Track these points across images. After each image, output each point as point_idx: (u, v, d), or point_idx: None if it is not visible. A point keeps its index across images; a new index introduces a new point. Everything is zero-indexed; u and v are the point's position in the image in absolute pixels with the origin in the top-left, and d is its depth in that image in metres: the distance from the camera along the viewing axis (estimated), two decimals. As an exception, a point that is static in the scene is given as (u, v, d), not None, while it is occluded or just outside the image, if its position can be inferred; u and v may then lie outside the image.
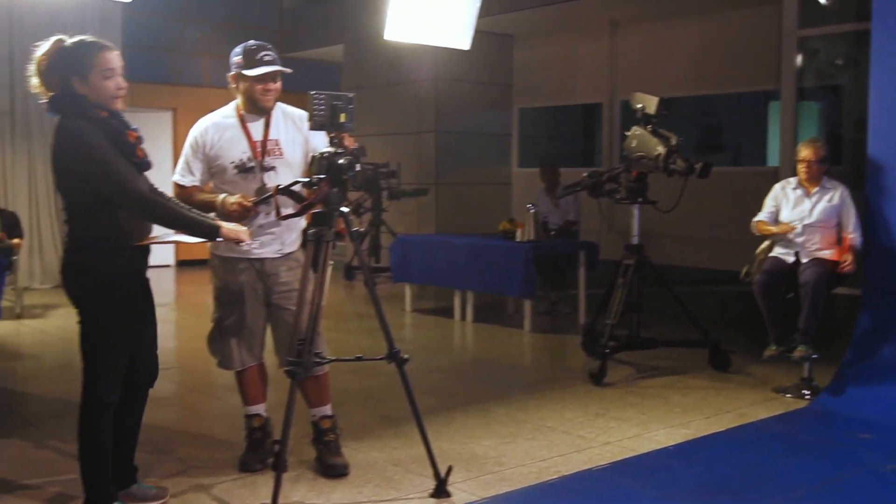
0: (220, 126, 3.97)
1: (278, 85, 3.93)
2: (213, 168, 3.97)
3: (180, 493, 3.82)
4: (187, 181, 4.00)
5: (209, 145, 3.95)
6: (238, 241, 3.47)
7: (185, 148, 4.02)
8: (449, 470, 3.84)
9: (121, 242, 3.39)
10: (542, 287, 8.17)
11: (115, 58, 3.36)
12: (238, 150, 3.92)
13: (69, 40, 3.36)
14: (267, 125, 3.95)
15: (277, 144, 3.93)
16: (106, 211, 3.34)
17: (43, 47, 3.35)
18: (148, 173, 3.51)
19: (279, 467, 3.46)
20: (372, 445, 4.53)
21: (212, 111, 4.12)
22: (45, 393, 5.75)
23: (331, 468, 4.09)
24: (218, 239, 3.46)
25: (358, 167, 3.56)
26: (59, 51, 3.34)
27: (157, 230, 3.56)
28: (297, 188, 3.76)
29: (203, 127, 3.99)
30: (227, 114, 4.02)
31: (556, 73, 11.98)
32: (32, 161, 10.81)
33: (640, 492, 3.94)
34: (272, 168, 3.91)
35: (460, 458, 4.28)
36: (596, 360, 6.02)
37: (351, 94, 3.59)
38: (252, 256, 3.95)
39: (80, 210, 3.37)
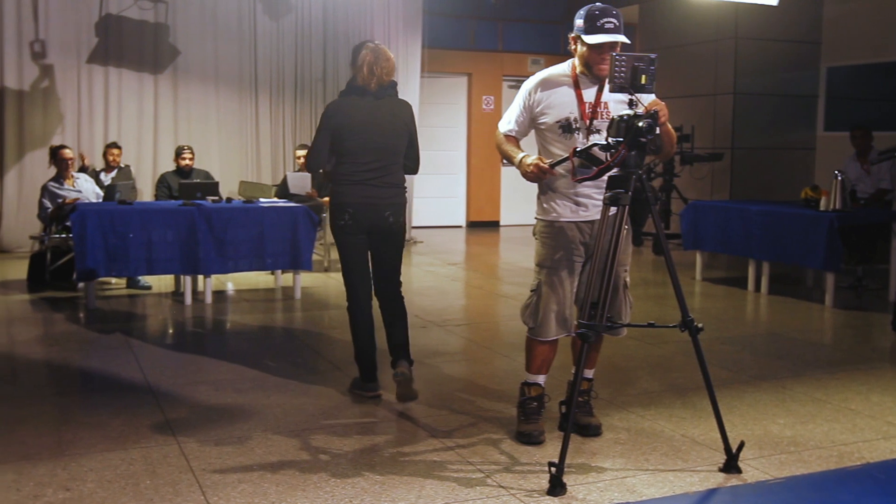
0: (552, 83, 3.96)
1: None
2: (538, 124, 3.99)
3: (470, 445, 3.96)
4: (505, 129, 4.08)
5: (537, 101, 3.97)
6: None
7: (515, 98, 4.08)
8: (741, 445, 3.69)
9: None
10: (847, 260, 7.61)
11: None
12: (566, 110, 3.90)
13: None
14: (601, 89, 3.88)
15: (606, 107, 3.87)
16: None
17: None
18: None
19: (567, 428, 3.48)
20: (659, 414, 4.45)
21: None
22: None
23: (585, 428, 4.10)
24: None
25: (657, 130, 3.47)
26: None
27: None
28: (595, 151, 3.70)
29: (535, 83, 4.01)
30: (562, 72, 3.98)
31: (871, 27, 10.99)
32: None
33: (958, 489, 3.58)
34: (598, 131, 3.86)
35: (752, 435, 4.11)
36: (909, 341, 5.53)
37: (653, 55, 3.49)
38: (580, 219, 3.94)
39: (400, 164, 4.71)
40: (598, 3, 3.84)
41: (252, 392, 4.80)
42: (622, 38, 3.76)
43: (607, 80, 3.57)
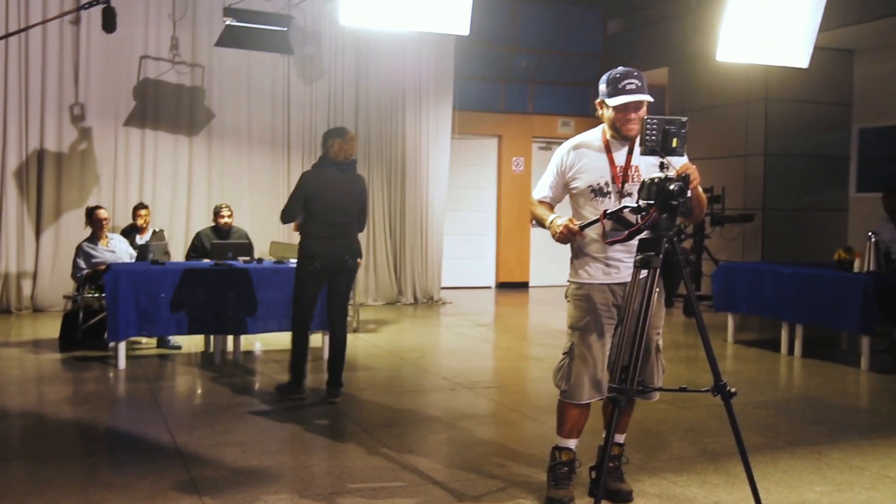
0: (583, 148, 4.00)
1: (641, 113, 3.84)
2: (570, 188, 4.02)
3: (499, 510, 3.90)
4: (539, 195, 4.11)
5: (569, 166, 4.00)
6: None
7: (549, 165, 4.12)
8: (776, 514, 3.60)
9: None
10: (882, 323, 7.48)
11: None
12: (597, 174, 3.93)
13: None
14: (630, 151, 3.91)
15: (637, 171, 3.89)
16: None
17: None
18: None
19: (598, 494, 3.42)
20: (691, 480, 4.37)
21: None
22: (377, 402, 6.15)
23: (616, 494, 4.04)
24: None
25: (688, 193, 3.46)
26: None
27: None
28: (626, 213, 3.69)
29: (567, 148, 4.04)
30: (593, 137, 4.01)
31: (903, 88, 10.98)
32: (372, 187, 11.61)
33: None
34: (629, 194, 3.86)
35: (788, 503, 4.01)
36: (948, 407, 5.41)
37: (684, 119, 3.50)
38: (611, 282, 3.93)
39: (354, 221, 6.17)
40: (619, 67, 3.89)
41: (280, 454, 4.77)
42: (645, 97, 3.80)
43: (638, 143, 3.58)
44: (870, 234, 7.49)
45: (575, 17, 13.77)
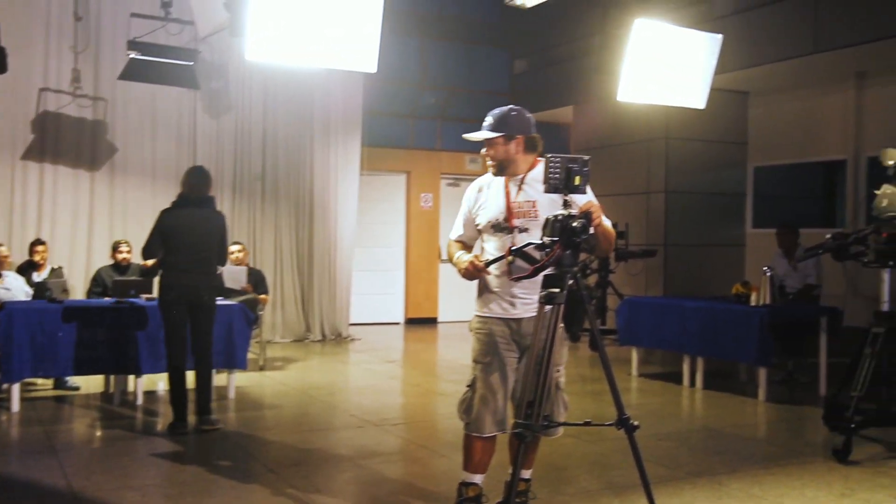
0: (486, 185, 4.08)
1: (492, 151, 3.97)
2: (475, 224, 4.09)
3: (407, 549, 3.87)
4: (454, 235, 4.19)
5: (474, 202, 4.09)
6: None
7: (461, 204, 4.20)
8: (679, 545, 3.67)
9: None
10: (778, 354, 7.74)
11: None
12: (496, 210, 4.00)
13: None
14: (519, 187, 3.99)
15: (534, 206, 3.94)
16: None
17: None
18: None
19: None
20: (597, 513, 4.42)
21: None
22: (284, 441, 6.06)
23: None
24: None
25: (591, 230, 3.53)
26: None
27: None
28: (530, 250, 3.74)
29: (474, 186, 4.14)
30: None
31: (794, 129, 11.45)
32: (279, 222, 11.55)
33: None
34: (525, 230, 3.92)
35: (691, 534, 4.09)
36: (840, 435, 5.60)
37: (586, 157, 3.59)
38: (510, 316, 3.97)
39: (213, 258, 6.35)
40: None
41: (181, 497, 4.65)
42: (475, 135, 3.99)
43: (542, 181, 3.64)
44: (765, 268, 7.75)
45: (482, 55, 13.98)
